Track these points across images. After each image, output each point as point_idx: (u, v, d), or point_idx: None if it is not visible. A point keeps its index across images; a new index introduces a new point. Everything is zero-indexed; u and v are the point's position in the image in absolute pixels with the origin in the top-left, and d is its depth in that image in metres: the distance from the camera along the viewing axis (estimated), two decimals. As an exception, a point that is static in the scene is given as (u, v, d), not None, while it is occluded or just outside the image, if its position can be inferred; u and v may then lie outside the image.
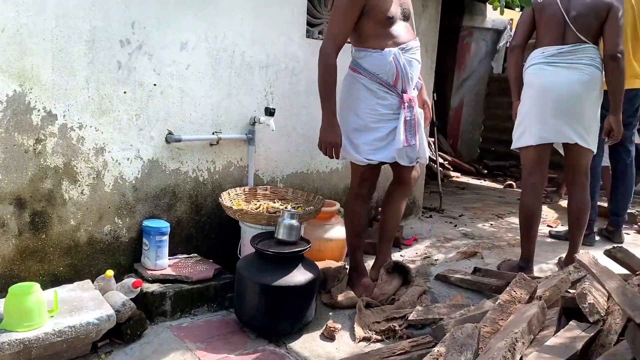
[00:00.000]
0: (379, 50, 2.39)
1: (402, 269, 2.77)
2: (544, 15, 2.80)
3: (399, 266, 2.77)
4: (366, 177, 2.60)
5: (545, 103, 2.70)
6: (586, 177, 2.84)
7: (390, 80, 2.43)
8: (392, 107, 2.45)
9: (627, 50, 3.33)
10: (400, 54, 2.40)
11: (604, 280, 1.58)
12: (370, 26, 2.38)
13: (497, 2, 2.46)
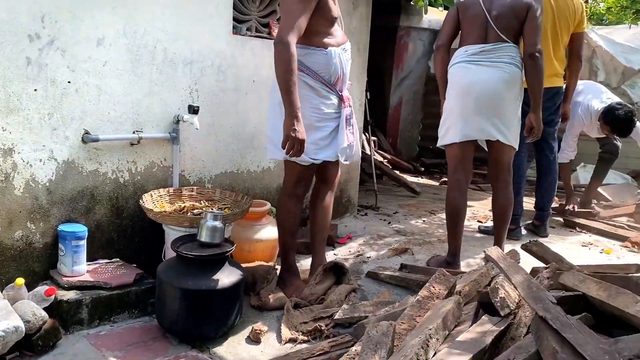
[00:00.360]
0: (322, 49, 2.37)
1: (340, 269, 2.76)
2: (467, 15, 2.85)
3: (337, 266, 2.76)
4: (304, 176, 2.56)
5: (468, 101, 2.76)
6: (509, 173, 2.92)
7: (333, 79, 2.43)
8: (334, 106, 2.46)
9: (547, 50, 3.45)
10: (342, 54, 2.43)
11: (510, 275, 1.62)
12: (318, 23, 2.34)
13: (421, 2, 2.48)
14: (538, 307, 1.39)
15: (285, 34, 2.18)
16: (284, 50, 2.17)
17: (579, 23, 3.52)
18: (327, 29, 2.39)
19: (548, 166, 3.67)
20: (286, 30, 2.19)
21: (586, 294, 1.55)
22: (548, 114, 3.55)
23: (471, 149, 2.91)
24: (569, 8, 3.45)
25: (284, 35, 2.18)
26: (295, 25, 2.20)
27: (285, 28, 2.20)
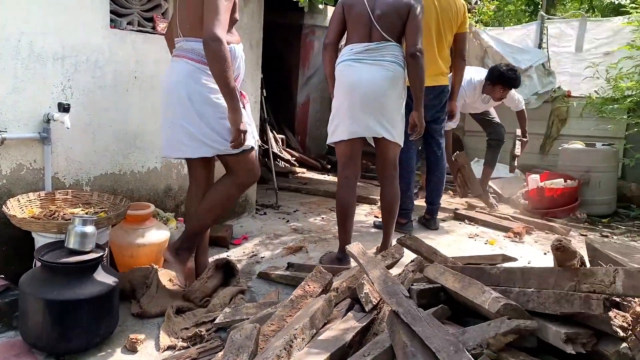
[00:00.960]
0: (229, 46, 2.27)
1: (231, 270, 2.70)
2: (352, 14, 2.88)
3: (229, 266, 2.69)
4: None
5: (354, 99, 2.78)
6: (394, 169, 2.98)
7: (235, 75, 2.37)
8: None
9: (432, 49, 3.56)
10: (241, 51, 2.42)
11: (368, 270, 1.63)
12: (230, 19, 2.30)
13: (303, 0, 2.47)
14: (392, 301, 1.41)
15: (218, 31, 2.16)
16: (221, 46, 2.15)
17: (462, 24, 3.66)
18: (231, 28, 2.35)
19: (436, 162, 3.80)
20: (218, 27, 2.17)
21: (444, 285, 1.59)
22: (434, 111, 3.68)
23: (359, 146, 2.94)
24: (452, 9, 3.58)
25: (217, 32, 2.15)
26: (224, 22, 2.20)
27: (217, 25, 2.17)
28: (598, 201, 4.55)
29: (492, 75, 4.24)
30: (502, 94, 4.30)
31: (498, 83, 4.22)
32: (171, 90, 2.38)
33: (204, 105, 2.34)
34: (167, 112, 2.43)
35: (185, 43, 2.37)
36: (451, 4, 3.59)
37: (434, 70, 3.57)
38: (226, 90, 2.20)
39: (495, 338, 1.28)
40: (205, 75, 2.32)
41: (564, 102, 5.53)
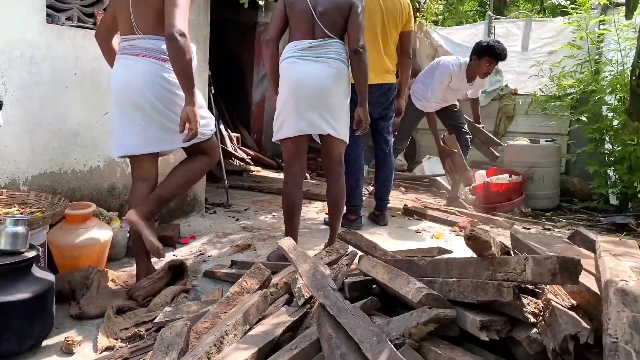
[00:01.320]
0: None
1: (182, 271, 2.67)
2: (295, 11, 2.88)
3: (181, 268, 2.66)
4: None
5: (299, 96, 2.79)
6: (340, 166, 3.00)
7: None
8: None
9: (377, 47, 3.60)
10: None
11: (298, 265, 1.65)
12: None
13: (243, -4, 2.47)
14: (319, 294, 1.42)
15: (183, 27, 2.26)
16: (187, 41, 2.26)
17: (407, 22, 3.71)
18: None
19: (384, 158, 3.85)
20: (183, 23, 2.26)
21: (374, 277, 1.62)
22: (382, 108, 3.72)
23: (305, 143, 2.95)
24: (396, 7, 3.63)
25: (182, 28, 2.25)
26: (186, 17, 2.31)
27: (181, 21, 2.27)
28: (542, 195, 4.71)
29: (479, 48, 4.16)
30: (489, 68, 4.20)
31: (485, 55, 4.12)
32: (137, 90, 2.41)
33: (175, 101, 2.44)
34: (134, 112, 2.45)
35: (144, 41, 2.40)
36: (395, 2, 3.64)
37: (380, 68, 3.62)
38: (187, 83, 2.32)
39: (417, 327, 1.31)
40: (169, 72, 2.41)
41: (510, 100, 5.70)
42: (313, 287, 1.48)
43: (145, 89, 2.40)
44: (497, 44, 4.13)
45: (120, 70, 2.47)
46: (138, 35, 2.40)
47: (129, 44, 2.43)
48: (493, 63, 4.19)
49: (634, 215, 4.29)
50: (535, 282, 1.21)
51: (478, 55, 4.17)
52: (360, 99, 2.91)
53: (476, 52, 4.19)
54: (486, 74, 4.26)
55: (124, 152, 2.55)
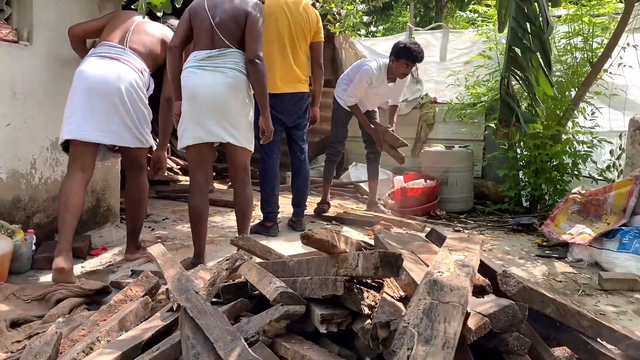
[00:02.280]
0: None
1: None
2: (197, 21, 2.94)
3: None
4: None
5: (196, 104, 2.85)
6: (245, 173, 3.05)
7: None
8: None
9: (287, 57, 3.68)
10: None
11: (165, 270, 1.69)
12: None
13: (142, 8, 2.49)
14: (181, 298, 1.47)
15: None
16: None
17: (316, 33, 3.79)
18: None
19: (299, 166, 3.93)
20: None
21: (248, 280, 1.69)
22: (295, 117, 3.81)
23: (208, 151, 3.00)
24: (303, 18, 3.70)
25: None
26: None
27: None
28: (456, 199, 4.92)
29: (396, 50, 4.17)
30: (406, 70, 4.21)
31: (402, 57, 4.13)
32: (111, 83, 2.87)
33: (140, 107, 2.99)
34: (102, 103, 2.86)
35: (130, 55, 2.99)
36: (302, 13, 3.71)
37: (291, 78, 3.70)
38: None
39: (270, 324, 1.38)
40: (141, 82, 3.01)
41: (430, 108, 5.92)
42: (176, 291, 1.53)
43: (119, 83, 2.87)
44: (413, 46, 4.15)
45: (97, 64, 2.91)
46: (123, 47, 3.00)
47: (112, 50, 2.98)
48: (410, 65, 4.21)
49: (540, 215, 4.55)
50: (365, 276, 1.30)
51: (396, 57, 4.19)
52: (260, 108, 2.97)
53: (394, 54, 4.21)
54: (404, 74, 4.28)
55: (80, 137, 2.85)
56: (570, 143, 4.60)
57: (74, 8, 3.39)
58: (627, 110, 4.69)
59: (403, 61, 4.17)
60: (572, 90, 4.63)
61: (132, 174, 3.20)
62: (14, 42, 3.10)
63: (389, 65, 4.30)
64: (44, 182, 3.33)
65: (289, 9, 3.68)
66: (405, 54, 4.14)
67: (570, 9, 4.67)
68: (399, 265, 1.20)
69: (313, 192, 5.63)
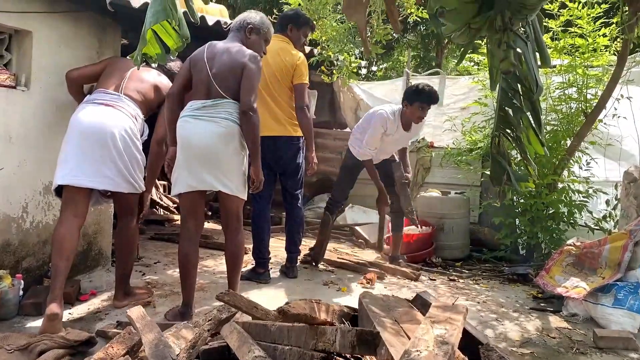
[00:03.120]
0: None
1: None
2: (196, 70, 2.99)
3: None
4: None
5: (189, 153, 2.88)
6: (237, 221, 3.04)
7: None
8: None
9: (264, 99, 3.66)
10: None
11: (144, 334, 1.66)
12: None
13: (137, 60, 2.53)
14: (157, 365, 1.44)
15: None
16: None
17: (295, 76, 3.73)
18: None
19: (291, 212, 3.92)
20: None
21: (228, 344, 1.65)
22: (282, 162, 3.78)
23: (200, 199, 3.00)
24: (279, 63, 3.70)
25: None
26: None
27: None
28: (452, 246, 4.89)
29: (409, 93, 4.13)
30: (422, 113, 4.12)
31: (416, 100, 4.08)
32: (106, 129, 2.91)
33: (134, 152, 3.01)
34: (95, 148, 2.90)
35: (124, 102, 3.07)
36: (282, 57, 3.71)
37: (271, 120, 3.70)
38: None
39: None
40: (135, 127, 3.05)
41: (427, 152, 5.95)
42: (153, 358, 1.49)
43: (113, 129, 2.92)
44: (427, 87, 4.10)
45: (91, 111, 2.96)
46: (119, 94, 3.08)
47: (107, 96, 3.04)
48: (425, 107, 4.13)
49: (536, 265, 4.50)
50: (343, 352, 1.27)
51: (409, 101, 4.12)
52: (252, 158, 2.98)
53: (407, 98, 4.15)
54: (420, 118, 4.17)
55: (73, 183, 2.87)
56: (566, 192, 4.59)
57: (73, 54, 3.44)
58: (622, 160, 4.70)
59: (418, 104, 4.08)
60: (567, 140, 4.65)
61: (124, 219, 3.20)
62: (12, 87, 3.14)
63: (403, 111, 4.20)
64: (35, 226, 3.32)
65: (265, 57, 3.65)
66: (419, 96, 4.08)
67: (564, 59, 4.73)
68: (376, 344, 1.17)
69: (309, 234, 5.60)
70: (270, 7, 12.77)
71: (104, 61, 3.37)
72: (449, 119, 5.68)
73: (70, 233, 2.87)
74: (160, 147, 3.24)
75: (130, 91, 3.14)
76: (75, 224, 2.91)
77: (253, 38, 3.14)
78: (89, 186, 2.92)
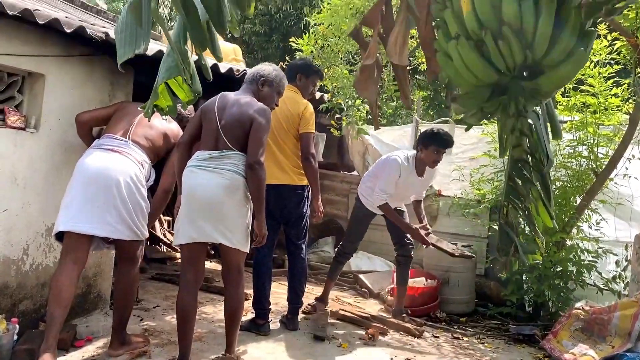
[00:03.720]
0: None
1: None
2: (205, 120, 3.00)
3: None
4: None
5: (192, 204, 2.87)
6: (238, 273, 2.99)
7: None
8: None
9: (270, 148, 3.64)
10: None
11: None
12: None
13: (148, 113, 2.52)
14: None
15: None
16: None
17: (302, 125, 3.72)
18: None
19: (294, 262, 3.85)
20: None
21: None
22: (286, 211, 3.73)
23: (202, 250, 2.98)
24: (285, 112, 3.69)
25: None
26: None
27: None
28: (457, 300, 4.78)
29: (424, 138, 4.06)
30: (437, 157, 4.05)
31: (432, 144, 4.01)
32: (110, 177, 2.90)
33: (138, 200, 2.99)
34: (99, 194, 2.88)
35: (131, 148, 3.07)
36: (288, 107, 3.70)
37: (277, 168, 3.67)
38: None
39: None
40: (141, 174, 3.05)
41: (434, 201, 5.89)
42: None
43: (118, 175, 2.92)
44: (441, 131, 4.08)
45: (98, 157, 2.96)
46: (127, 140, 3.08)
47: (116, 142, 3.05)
48: (441, 151, 4.05)
49: (543, 325, 4.38)
50: None
51: (425, 145, 4.05)
52: (256, 211, 2.94)
53: (422, 142, 4.08)
54: (436, 162, 4.09)
55: (74, 229, 2.84)
56: (575, 250, 4.50)
57: (85, 96, 3.46)
58: (633, 221, 4.62)
59: (433, 147, 4.01)
60: (577, 197, 4.59)
61: (124, 266, 3.16)
62: (22, 129, 3.15)
63: (417, 156, 4.13)
64: (34, 268, 3.28)
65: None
66: (434, 140, 4.02)
67: (575, 115, 4.71)
68: None
69: (311, 279, 5.52)
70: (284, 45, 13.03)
71: (114, 105, 3.39)
72: (457, 169, 5.64)
73: (70, 281, 2.85)
74: (165, 195, 3.24)
75: (138, 137, 3.15)
76: (75, 272, 2.90)
77: (265, 90, 3.16)
78: (89, 233, 2.90)
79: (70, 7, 7.49)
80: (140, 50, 1.82)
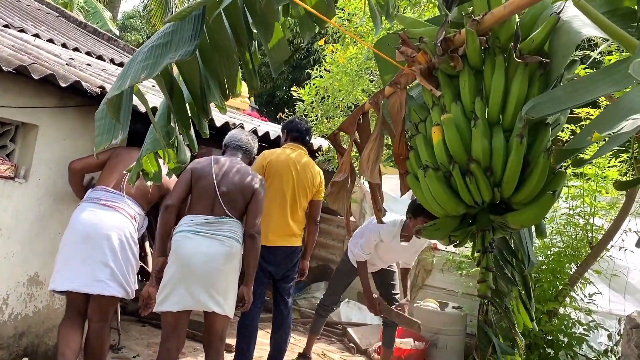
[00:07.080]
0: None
1: None
2: (199, 184, 2.98)
3: None
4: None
5: (189, 272, 2.82)
6: (221, 341, 2.97)
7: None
8: None
9: (285, 212, 3.65)
10: None
11: None
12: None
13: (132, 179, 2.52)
14: None
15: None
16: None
17: (317, 192, 3.80)
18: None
19: (281, 321, 3.79)
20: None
21: None
22: (285, 270, 3.73)
23: (186, 318, 2.96)
24: (307, 179, 3.73)
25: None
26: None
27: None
28: (446, 363, 4.68)
29: (414, 207, 3.83)
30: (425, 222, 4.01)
31: (420, 214, 3.77)
32: (102, 234, 2.91)
33: (129, 257, 2.99)
34: (92, 252, 2.89)
35: (125, 202, 3.06)
36: (307, 174, 3.74)
37: (285, 232, 3.66)
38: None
39: None
40: (134, 228, 3.05)
41: (429, 255, 5.82)
42: None
43: (110, 232, 2.92)
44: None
45: (91, 213, 2.96)
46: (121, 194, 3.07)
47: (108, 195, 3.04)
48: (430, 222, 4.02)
49: (532, 395, 4.28)
50: None
51: (414, 214, 3.84)
52: (246, 278, 2.95)
53: (412, 211, 3.86)
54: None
55: (73, 289, 2.91)
56: (567, 319, 4.41)
57: (77, 147, 3.46)
58: (628, 294, 4.54)
59: (422, 219, 3.78)
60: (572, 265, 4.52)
61: (96, 324, 3.04)
62: (11, 178, 3.16)
63: (406, 223, 4.03)
64: (13, 318, 3.25)
65: (296, 169, 3.69)
66: (422, 211, 3.76)
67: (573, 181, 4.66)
68: None
69: (299, 328, 5.45)
70: (293, 77, 13.14)
71: (107, 151, 3.32)
72: (454, 224, 5.58)
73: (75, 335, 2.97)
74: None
75: (131, 188, 3.14)
76: (79, 323, 3.02)
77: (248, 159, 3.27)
78: (85, 292, 2.94)
79: (82, 34, 7.60)
80: (117, 142, 1.82)
